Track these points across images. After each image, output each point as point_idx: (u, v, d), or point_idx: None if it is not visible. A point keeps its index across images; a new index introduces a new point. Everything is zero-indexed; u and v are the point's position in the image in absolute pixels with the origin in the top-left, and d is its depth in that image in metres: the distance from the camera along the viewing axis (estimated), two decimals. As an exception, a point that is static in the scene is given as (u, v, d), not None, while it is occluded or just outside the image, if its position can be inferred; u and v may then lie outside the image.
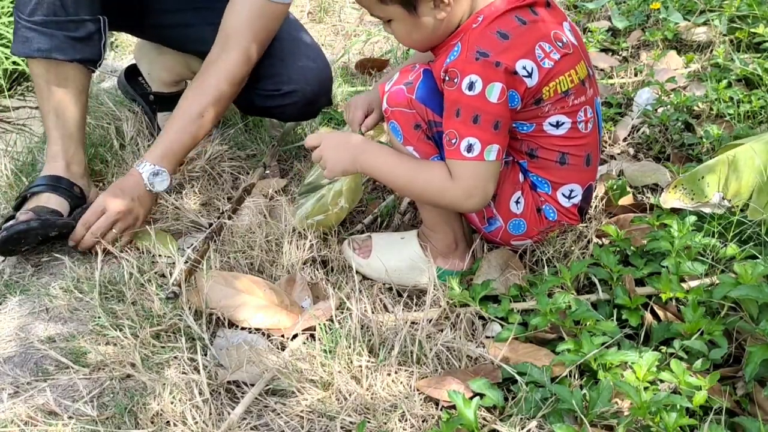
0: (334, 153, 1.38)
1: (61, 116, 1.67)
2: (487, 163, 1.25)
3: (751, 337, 1.13)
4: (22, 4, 1.58)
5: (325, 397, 1.17)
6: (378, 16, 1.33)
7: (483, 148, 1.24)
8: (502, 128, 1.25)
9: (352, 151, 1.36)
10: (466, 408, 1.04)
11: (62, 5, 1.58)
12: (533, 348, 1.22)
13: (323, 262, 1.52)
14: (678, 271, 1.26)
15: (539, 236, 1.42)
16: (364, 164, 1.36)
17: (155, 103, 2.10)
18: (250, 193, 1.76)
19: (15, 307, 1.47)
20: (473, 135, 1.23)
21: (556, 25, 1.30)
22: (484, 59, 1.21)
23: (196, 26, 1.86)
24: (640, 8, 2.70)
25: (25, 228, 1.52)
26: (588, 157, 1.37)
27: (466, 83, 1.22)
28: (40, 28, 1.58)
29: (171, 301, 1.36)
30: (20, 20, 1.58)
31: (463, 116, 1.23)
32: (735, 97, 1.94)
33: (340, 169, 1.38)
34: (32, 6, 1.56)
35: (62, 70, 1.64)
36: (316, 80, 1.82)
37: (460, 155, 1.25)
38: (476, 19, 1.27)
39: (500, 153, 1.26)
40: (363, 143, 1.38)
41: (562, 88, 1.29)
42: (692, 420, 1.00)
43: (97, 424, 1.16)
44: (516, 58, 1.22)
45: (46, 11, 1.57)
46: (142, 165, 1.61)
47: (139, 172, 1.61)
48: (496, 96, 1.22)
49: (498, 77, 1.21)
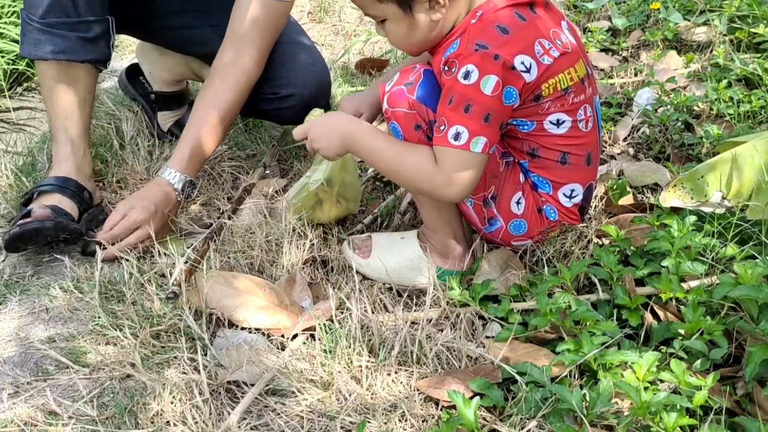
0: (322, 140, 1.37)
1: (71, 117, 1.66)
2: (473, 154, 1.24)
3: (751, 337, 1.13)
4: (33, 6, 1.57)
5: (325, 397, 1.17)
6: (372, 15, 1.32)
7: (470, 138, 1.23)
8: (493, 122, 1.24)
9: (339, 132, 1.35)
10: (466, 408, 1.04)
11: (74, 6, 1.58)
12: (533, 348, 1.22)
13: (323, 262, 1.52)
14: (678, 271, 1.26)
15: (540, 236, 1.42)
16: (352, 144, 1.35)
17: (156, 102, 2.10)
18: (250, 193, 1.76)
19: (15, 307, 1.48)
20: (462, 123, 1.23)
21: (554, 24, 1.31)
22: (483, 51, 1.21)
23: (197, 28, 1.86)
24: (640, 8, 2.70)
25: (38, 227, 1.51)
26: (589, 156, 1.37)
27: (462, 72, 1.22)
28: (53, 29, 1.57)
29: (171, 301, 1.36)
30: (31, 22, 1.57)
31: (455, 104, 1.23)
32: (735, 97, 1.94)
33: (332, 153, 1.37)
34: (45, 8, 1.56)
35: (72, 71, 1.64)
36: (314, 84, 1.82)
37: (447, 142, 1.24)
38: (475, 15, 1.27)
39: (487, 146, 1.25)
40: (347, 124, 1.37)
41: (562, 85, 1.29)
42: (692, 420, 1.00)
43: (97, 424, 1.16)
44: (515, 53, 1.23)
45: (59, 13, 1.57)
46: (170, 173, 1.61)
47: (169, 182, 1.60)
48: (491, 88, 1.21)
49: (495, 70, 1.21)
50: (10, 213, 1.75)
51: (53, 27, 1.57)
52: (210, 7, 1.85)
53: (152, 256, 1.55)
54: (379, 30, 1.36)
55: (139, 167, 1.87)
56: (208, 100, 1.66)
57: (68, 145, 1.67)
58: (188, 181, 1.62)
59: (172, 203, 1.61)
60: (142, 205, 1.55)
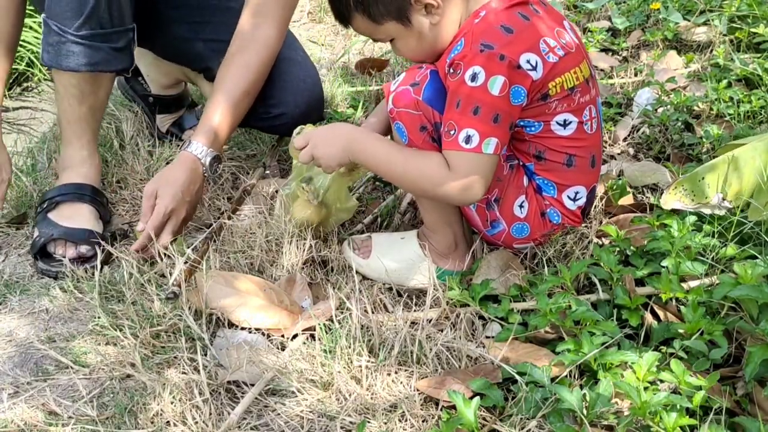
0: (325, 148, 1.35)
1: (90, 122, 1.66)
2: (485, 156, 1.24)
3: (751, 337, 1.13)
4: (67, 19, 1.52)
5: (325, 397, 1.17)
6: (380, 39, 1.34)
7: (481, 140, 1.23)
8: (502, 122, 1.24)
9: (342, 141, 1.34)
10: (466, 408, 1.04)
11: (110, 17, 1.55)
12: (533, 348, 1.22)
13: (323, 262, 1.52)
14: (678, 271, 1.26)
15: (542, 239, 1.42)
16: (356, 152, 1.33)
17: (155, 104, 2.09)
18: (250, 193, 1.76)
19: (15, 307, 1.48)
20: (472, 126, 1.23)
21: (557, 24, 1.31)
22: (488, 51, 1.21)
23: (191, 41, 1.83)
24: (640, 8, 2.69)
25: None
26: (593, 158, 1.38)
27: (469, 74, 1.22)
28: (88, 42, 1.54)
29: (171, 301, 1.36)
30: (64, 34, 1.53)
31: (463, 107, 1.23)
32: (735, 97, 1.94)
33: (335, 162, 1.36)
34: (81, 20, 1.52)
35: (98, 79, 1.63)
36: (305, 102, 1.80)
37: (458, 146, 1.24)
38: (478, 15, 1.27)
39: (498, 147, 1.25)
40: (352, 131, 1.37)
41: (568, 84, 1.29)
42: (692, 420, 1.00)
43: (97, 424, 1.16)
44: (520, 52, 1.23)
45: (94, 24, 1.54)
46: (196, 147, 1.57)
47: (196, 156, 1.56)
48: (498, 89, 1.21)
49: (501, 70, 1.21)
50: (10, 213, 1.75)
51: (87, 39, 1.54)
52: (204, 18, 1.83)
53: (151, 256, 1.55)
54: (396, 51, 1.37)
55: (139, 167, 1.87)
56: (233, 75, 1.63)
57: (85, 150, 1.67)
58: (215, 156, 1.59)
59: (199, 181, 1.57)
60: (170, 193, 1.52)
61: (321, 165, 1.37)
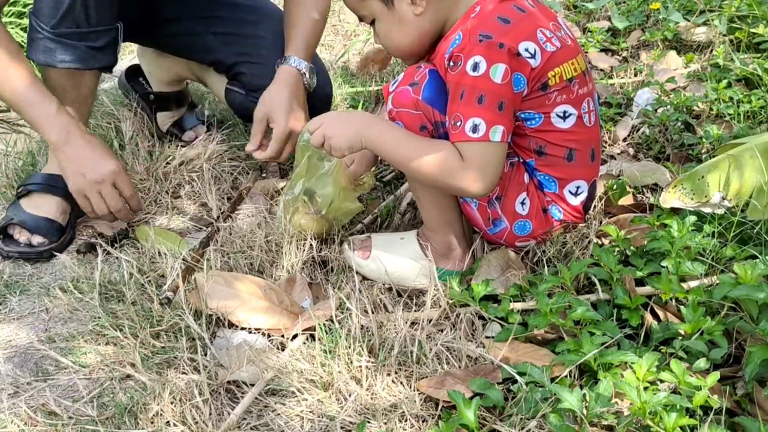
0: (338, 128, 1.33)
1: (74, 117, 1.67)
2: (493, 143, 1.24)
3: (751, 337, 1.13)
4: (45, 16, 1.54)
5: (325, 398, 1.17)
6: (362, 15, 1.36)
7: (488, 129, 1.23)
8: (507, 110, 1.24)
9: (356, 125, 1.33)
10: (466, 408, 1.04)
11: (86, 17, 1.56)
12: (533, 348, 1.22)
13: (323, 263, 1.52)
14: (678, 271, 1.26)
15: (543, 236, 1.42)
16: (370, 137, 1.31)
17: (155, 103, 2.10)
18: (248, 193, 1.77)
19: (15, 307, 1.48)
20: (478, 115, 1.23)
21: (552, 19, 1.34)
22: (487, 41, 1.22)
23: (201, 35, 1.86)
24: (640, 8, 2.70)
25: None
26: (593, 151, 1.39)
27: (470, 64, 1.23)
28: (64, 40, 1.56)
29: (165, 306, 1.36)
30: (41, 30, 1.55)
31: (467, 97, 1.23)
32: (735, 97, 1.94)
33: (346, 144, 1.33)
34: (57, 20, 1.54)
35: (78, 76, 1.65)
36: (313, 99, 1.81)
37: (466, 136, 1.24)
38: (474, 9, 1.29)
39: (505, 135, 1.25)
40: (368, 116, 1.38)
41: (567, 75, 1.31)
42: (692, 420, 1.00)
43: (97, 424, 1.16)
44: (519, 40, 1.24)
45: (70, 23, 1.55)
46: (295, 61, 1.63)
47: (297, 68, 1.62)
48: (500, 76, 1.22)
49: (502, 58, 1.22)
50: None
51: (63, 37, 1.56)
52: (211, 13, 1.85)
53: (152, 256, 1.55)
54: (375, 37, 1.39)
55: (139, 167, 1.87)
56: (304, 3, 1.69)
57: None
58: (311, 68, 1.63)
59: (303, 92, 1.62)
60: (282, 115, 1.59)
61: (331, 146, 1.34)
